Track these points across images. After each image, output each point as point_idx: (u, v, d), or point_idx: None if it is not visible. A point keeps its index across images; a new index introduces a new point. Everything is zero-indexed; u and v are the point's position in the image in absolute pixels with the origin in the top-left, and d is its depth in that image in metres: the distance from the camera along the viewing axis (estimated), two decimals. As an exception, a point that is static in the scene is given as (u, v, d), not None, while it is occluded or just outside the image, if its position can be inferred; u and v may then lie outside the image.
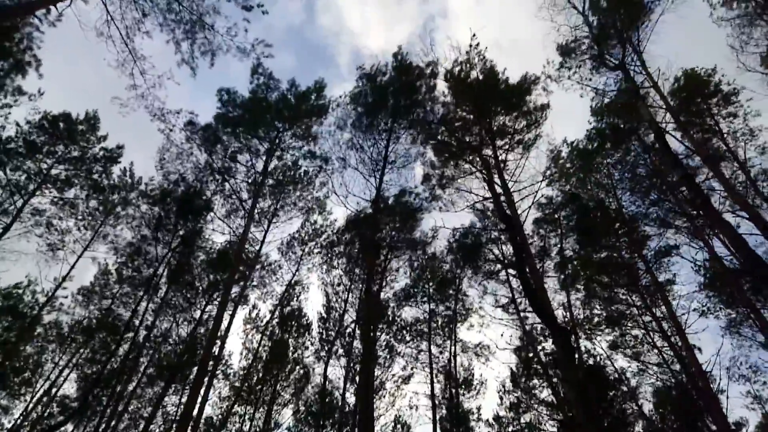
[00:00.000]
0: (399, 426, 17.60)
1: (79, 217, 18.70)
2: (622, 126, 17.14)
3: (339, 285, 19.66)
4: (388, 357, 18.31)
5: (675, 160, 12.10)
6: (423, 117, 17.23)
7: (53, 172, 17.84)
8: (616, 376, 14.60)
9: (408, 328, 19.15)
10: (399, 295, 19.58)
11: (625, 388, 14.40)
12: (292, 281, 20.13)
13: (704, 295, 14.24)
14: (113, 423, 16.61)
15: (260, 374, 19.17)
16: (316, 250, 20.46)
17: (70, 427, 18.37)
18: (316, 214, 20.18)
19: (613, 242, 16.64)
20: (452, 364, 18.03)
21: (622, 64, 16.43)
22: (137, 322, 17.35)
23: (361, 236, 17.86)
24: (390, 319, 19.05)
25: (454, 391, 17.43)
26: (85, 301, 20.10)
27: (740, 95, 16.55)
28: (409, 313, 19.94)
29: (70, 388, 20.13)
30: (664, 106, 15.51)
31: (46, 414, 19.36)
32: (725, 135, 16.57)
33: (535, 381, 16.87)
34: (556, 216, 17.97)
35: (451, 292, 19.45)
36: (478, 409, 18.23)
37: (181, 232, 18.64)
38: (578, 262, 16.84)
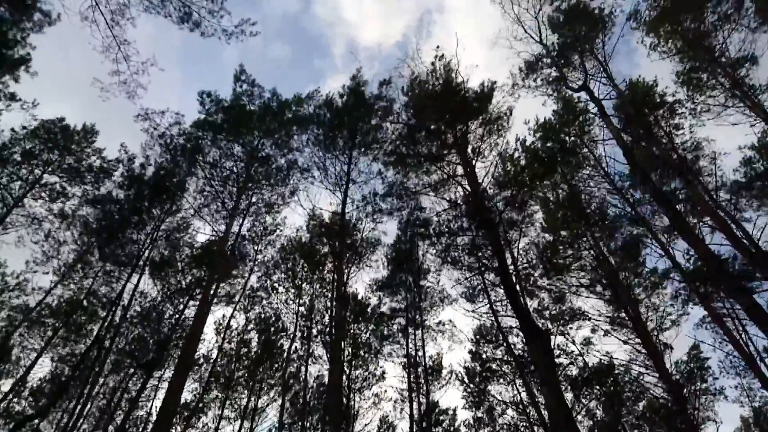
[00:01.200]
0: (385, 426, 16.69)
1: (78, 229, 17.31)
2: (568, 144, 16.61)
3: (311, 285, 18.56)
4: (369, 357, 17.38)
5: (644, 176, 11.50)
6: (384, 132, 16.47)
7: (47, 177, 16.80)
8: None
9: (384, 321, 18.15)
10: (372, 286, 18.58)
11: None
12: (261, 281, 18.87)
13: (682, 287, 13.38)
14: (87, 410, 15.31)
15: (238, 366, 18.01)
16: (285, 248, 19.11)
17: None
18: (281, 214, 18.87)
19: (578, 233, 15.89)
20: (422, 351, 16.98)
21: (585, 86, 16.00)
22: (117, 309, 15.94)
23: (328, 246, 17.23)
24: (368, 315, 18.09)
25: (423, 378, 16.44)
26: (66, 279, 17.88)
27: (684, 106, 16.08)
28: (384, 306, 18.91)
29: (42, 373, 18.48)
30: (625, 118, 15.19)
31: (16, 403, 17.66)
32: (676, 145, 16.25)
33: (499, 380, 16.22)
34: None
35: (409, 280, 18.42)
36: (454, 410, 17.52)
37: (154, 213, 17.15)
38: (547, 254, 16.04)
